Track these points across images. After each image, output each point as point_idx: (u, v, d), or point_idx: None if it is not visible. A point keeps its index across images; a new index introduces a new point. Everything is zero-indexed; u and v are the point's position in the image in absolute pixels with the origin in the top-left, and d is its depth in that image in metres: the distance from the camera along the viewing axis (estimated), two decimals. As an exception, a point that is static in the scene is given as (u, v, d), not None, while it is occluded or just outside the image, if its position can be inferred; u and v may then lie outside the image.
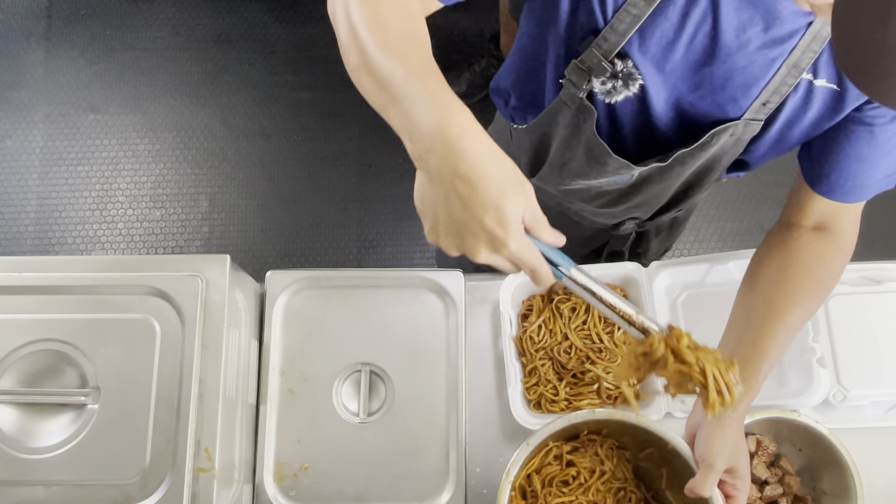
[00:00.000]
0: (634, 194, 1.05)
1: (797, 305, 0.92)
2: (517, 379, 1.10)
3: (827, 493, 1.05)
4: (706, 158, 0.94)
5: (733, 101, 0.86)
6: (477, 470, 1.10)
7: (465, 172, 0.58)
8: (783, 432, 1.07)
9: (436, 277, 1.16)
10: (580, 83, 0.88)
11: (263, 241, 2.28)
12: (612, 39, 0.82)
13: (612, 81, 0.86)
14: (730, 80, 0.84)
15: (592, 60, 0.85)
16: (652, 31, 0.81)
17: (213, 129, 2.39)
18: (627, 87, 0.86)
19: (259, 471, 1.08)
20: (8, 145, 2.36)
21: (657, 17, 0.79)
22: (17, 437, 0.92)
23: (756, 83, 0.84)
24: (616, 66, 0.84)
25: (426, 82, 0.62)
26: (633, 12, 0.79)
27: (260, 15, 2.51)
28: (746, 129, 0.90)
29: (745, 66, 0.83)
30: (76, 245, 2.27)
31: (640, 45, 0.82)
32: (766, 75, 0.84)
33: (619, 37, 0.81)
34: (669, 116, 0.90)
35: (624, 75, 0.85)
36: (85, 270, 0.98)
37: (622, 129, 0.93)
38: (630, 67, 0.84)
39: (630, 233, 1.24)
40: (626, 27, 0.80)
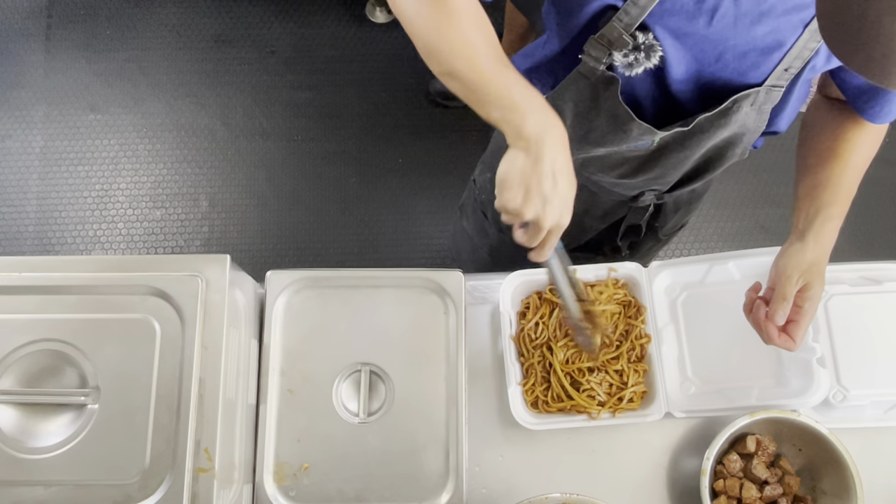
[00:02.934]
0: (654, 164, 1.05)
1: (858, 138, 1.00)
2: (517, 379, 1.10)
3: (827, 493, 1.05)
4: (728, 133, 0.95)
5: (755, 67, 0.87)
6: (476, 469, 1.10)
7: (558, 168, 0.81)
8: (783, 432, 1.07)
9: (436, 277, 1.16)
10: (600, 57, 0.89)
11: (263, 241, 2.28)
12: (633, 13, 0.82)
13: (633, 54, 0.87)
14: (752, 48, 0.84)
15: (613, 34, 0.85)
16: (673, 2, 0.80)
17: (213, 129, 2.39)
18: (649, 58, 0.87)
19: (259, 471, 1.08)
20: (8, 145, 2.37)
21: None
22: (17, 437, 0.92)
23: (779, 48, 0.84)
24: (637, 38, 0.85)
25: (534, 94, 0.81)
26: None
27: (260, 15, 2.51)
28: (768, 97, 0.90)
29: (768, 33, 0.82)
30: (76, 245, 2.28)
31: (660, 17, 0.82)
32: (788, 41, 0.84)
33: (640, 10, 0.82)
34: (690, 86, 0.91)
35: (646, 47, 0.85)
36: (85, 270, 0.98)
37: (642, 100, 0.94)
38: (651, 39, 0.84)
39: (649, 205, 1.23)
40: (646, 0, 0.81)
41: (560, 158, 0.81)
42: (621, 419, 1.09)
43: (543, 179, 0.80)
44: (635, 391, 1.10)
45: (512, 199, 0.82)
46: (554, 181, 0.81)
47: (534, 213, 0.82)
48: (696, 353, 1.14)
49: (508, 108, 0.81)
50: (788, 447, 1.09)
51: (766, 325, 0.95)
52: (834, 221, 0.97)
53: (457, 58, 0.82)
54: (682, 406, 1.09)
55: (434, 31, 0.83)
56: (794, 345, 0.95)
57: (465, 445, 1.09)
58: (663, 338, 1.13)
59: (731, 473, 1.06)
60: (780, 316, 0.94)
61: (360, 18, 2.50)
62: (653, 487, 1.11)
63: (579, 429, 1.10)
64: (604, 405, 1.09)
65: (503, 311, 1.13)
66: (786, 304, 0.95)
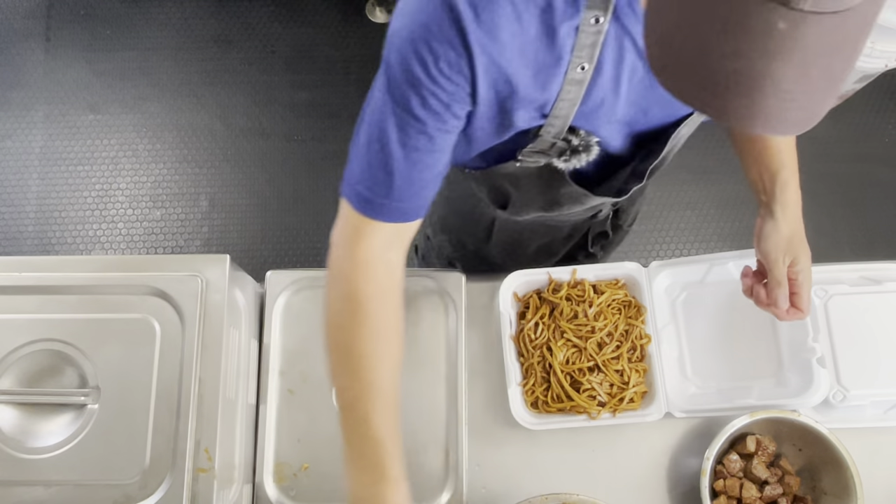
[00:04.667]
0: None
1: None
2: (517, 379, 1.10)
3: (827, 493, 1.05)
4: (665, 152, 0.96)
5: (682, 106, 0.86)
6: (476, 469, 1.11)
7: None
8: (783, 432, 1.07)
9: (436, 277, 1.16)
10: (537, 160, 0.89)
11: (263, 241, 2.28)
12: (557, 124, 0.82)
13: (573, 157, 0.87)
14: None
15: (544, 146, 0.86)
16: (591, 100, 0.80)
17: (213, 129, 2.39)
18: (588, 153, 0.87)
19: (259, 471, 1.08)
20: (8, 145, 2.37)
21: (592, 88, 0.78)
22: (17, 437, 0.92)
23: None
24: (572, 142, 0.85)
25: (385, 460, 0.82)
26: (569, 98, 0.78)
27: (260, 15, 2.51)
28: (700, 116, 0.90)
29: None
30: (76, 245, 2.28)
31: (585, 117, 0.82)
32: None
33: (562, 120, 0.81)
34: (625, 144, 0.91)
35: (583, 146, 0.86)
36: (85, 270, 0.98)
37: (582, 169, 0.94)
38: (584, 136, 0.84)
39: (608, 214, 1.24)
40: (566, 111, 0.80)
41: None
42: (621, 419, 1.09)
43: None
44: (636, 391, 1.10)
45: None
46: None
47: None
48: (696, 353, 1.14)
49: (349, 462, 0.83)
50: (788, 447, 1.09)
51: (770, 309, 0.98)
52: (791, 183, 0.98)
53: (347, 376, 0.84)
54: (682, 406, 1.09)
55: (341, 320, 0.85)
56: (804, 314, 0.97)
57: (465, 445, 1.09)
58: (663, 338, 1.13)
59: (731, 473, 1.06)
60: (781, 300, 0.97)
61: (360, 18, 2.50)
62: (653, 487, 1.11)
63: (579, 429, 1.10)
64: (604, 405, 1.09)
65: (503, 311, 1.13)
66: (783, 288, 0.97)
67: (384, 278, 0.84)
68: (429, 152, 0.78)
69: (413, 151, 0.77)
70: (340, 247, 0.83)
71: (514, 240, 1.20)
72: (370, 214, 0.81)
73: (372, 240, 0.82)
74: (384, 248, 0.83)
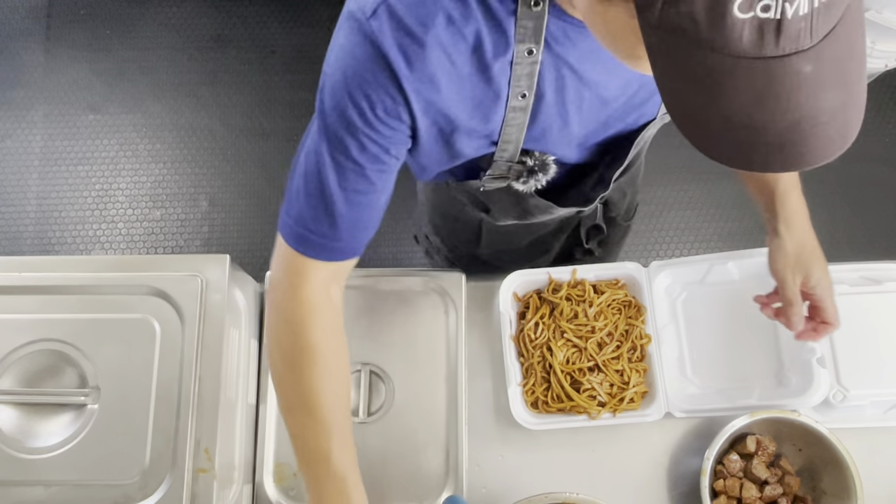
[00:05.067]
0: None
1: None
2: (517, 379, 1.10)
3: (827, 493, 1.05)
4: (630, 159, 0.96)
5: (641, 115, 0.86)
6: (476, 468, 1.11)
7: None
8: (783, 432, 1.07)
9: (436, 277, 1.16)
10: (499, 185, 0.89)
11: (263, 241, 2.27)
12: (508, 150, 0.82)
13: (531, 178, 0.87)
14: (631, 108, 0.84)
15: (500, 170, 0.85)
16: (539, 124, 0.79)
17: (213, 129, 2.39)
18: (546, 172, 0.86)
19: (259, 471, 1.08)
20: (8, 145, 2.36)
21: (538, 113, 0.78)
22: (17, 437, 0.92)
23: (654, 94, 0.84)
24: (527, 163, 0.84)
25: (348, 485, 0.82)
26: (515, 123, 0.78)
27: (260, 15, 2.51)
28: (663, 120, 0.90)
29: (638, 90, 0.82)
30: (76, 245, 2.28)
31: (536, 141, 0.82)
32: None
33: (514, 145, 0.81)
34: (587, 154, 0.91)
35: (539, 166, 0.85)
36: (85, 270, 0.98)
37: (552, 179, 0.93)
38: (539, 156, 0.84)
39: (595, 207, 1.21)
40: (515, 136, 0.80)
41: None
42: (621, 419, 1.09)
43: None
44: (636, 391, 1.10)
45: None
46: None
47: None
48: (696, 353, 1.14)
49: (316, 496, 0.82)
50: (788, 447, 1.09)
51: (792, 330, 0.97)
52: (791, 195, 0.96)
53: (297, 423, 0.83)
54: (682, 406, 1.09)
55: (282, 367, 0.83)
56: (832, 326, 0.97)
57: (465, 445, 1.09)
58: (663, 338, 1.13)
59: (731, 473, 1.06)
60: (796, 321, 0.96)
61: (360, 18, 2.50)
62: (653, 487, 1.11)
63: (579, 429, 1.10)
64: (604, 405, 1.09)
65: (503, 311, 1.13)
66: (795, 307, 0.96)
67: (330, 318, 0.83)
68: (369, 193, 0.78)
69: (353, 194, 0.77)
70: (283, 288, 0.83)
71: (503, 240, 1.20)
72: (311, 254, 0.81)
73: (314, 280, 0.82)
74: (326, 286, 0.83)
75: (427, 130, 0.76)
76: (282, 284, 0.83)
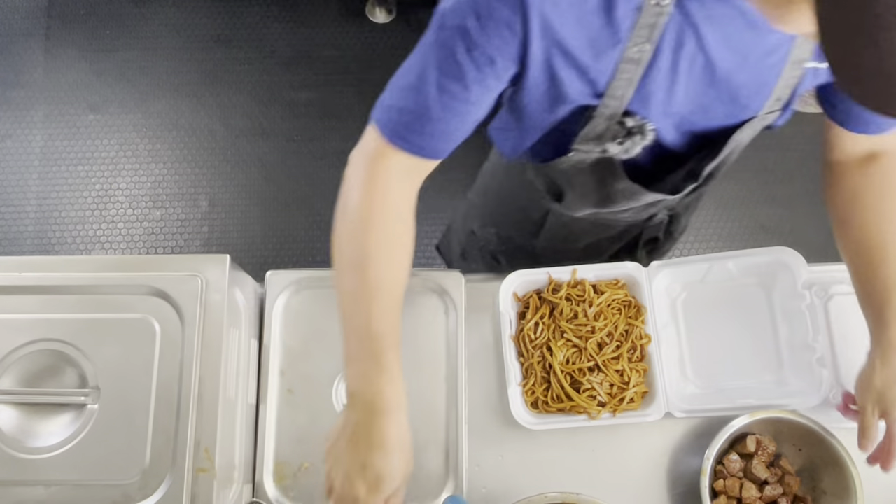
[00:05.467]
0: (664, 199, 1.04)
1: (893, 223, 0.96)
2: (517, 379, 1.11)
3: (827, 493, 1.05)
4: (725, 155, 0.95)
5: (745, 108, 0.86)
6: (476, 468, 1.10)
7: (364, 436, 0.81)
8: (783, 432, 1.07)
9: (436, 277, 1.16)
10: (592, 149, 0.88)
11: (263, 241, 2.28)
12: (612, 105, 0.81)
13: (627, 139, 0.86)
14: (737, 94, 0.84)
15: (598, 129, 0.85)
16: (648, 84, 0.79)
17: (213, 129, 2.39)
18: (644, 137, 0.86)
19: (259, 471, 1.08)
20: (8, 145, 2.37)
21: (650, 71, 0.78)
22: (17, 437, 0.92)
23: (764, 87, 0.84)
24: (627, 124, 0.84)
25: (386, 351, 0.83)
26: (626, 77, 0.78)
27: (260, 15, 2.51)
28: (763, 121, 0.90)
29: (748, 78, 0.82)
30: (76, 245, 2.28)
31: (641, 102, 0.82)
32: (771, 79, 0.83)
33: (618, 101, 0.81)
34: (683, 140, 0.90)
35: (638, 129, 0.85)
36: (85, 270, 0.98)
37: (637, 162, 0.93)
38: (639, 120, 0.84)
39: (663, 220, 1.23)
40: (622, 91, 0.80)
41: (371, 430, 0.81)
42: (621, 419, 1.09)
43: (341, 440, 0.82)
44: (636, 391, 1.10)
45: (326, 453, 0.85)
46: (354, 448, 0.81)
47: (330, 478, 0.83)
48: (696, 353, 1.14)
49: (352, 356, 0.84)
50: (788, 447, 1.09)
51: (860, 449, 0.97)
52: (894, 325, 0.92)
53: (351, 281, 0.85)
54: (682, 406, 1.09)
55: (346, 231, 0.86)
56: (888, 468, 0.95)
57: (465, 445, 1.09)
58: (663, 338, 1.13)
59: (731, 473, 1.06)
60: (865, 444, 0.96)
61: (360, 18, 2.50)
62: (653, 487, 1.11)
63: (579, 429, 1.10)
64: (604, 405, 1.09)
65: (503, 311, 1.13)
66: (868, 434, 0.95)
67: (397, 197, 0.86)
68: (463, 101, 0.79)
69: (448, 97, 0.79)
70: (359, 164, 0.86)
71: (564, 235, 1.19)
72: (395, 143, 0.83)
73: (391, 164, 0.84)
74: (401, 176, 0.85)
75: (538, 55, 0.75)
76: (358, 161, 0.86)
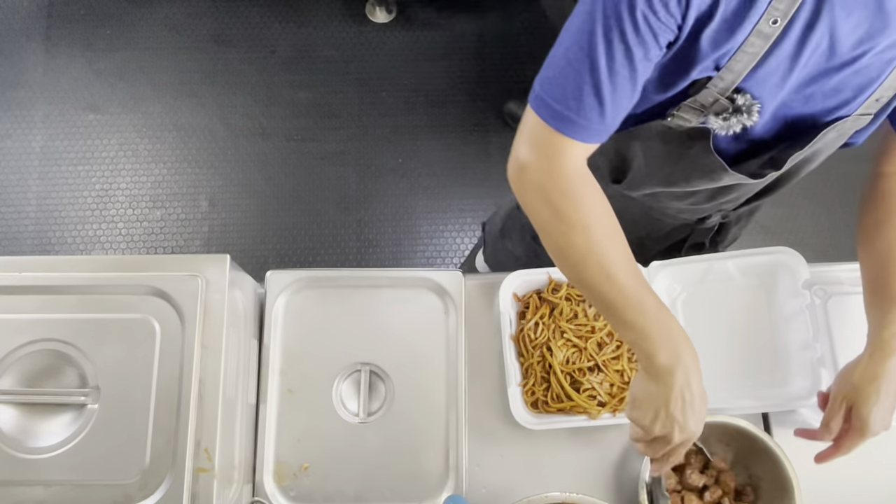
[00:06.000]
0: (730, 191, 1.03)
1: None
2: (517, 379, 1.10)
3: (763, 477, 1.06)
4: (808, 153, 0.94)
5: (845, 103, 0.86)
6: (476, 468, 1.10)
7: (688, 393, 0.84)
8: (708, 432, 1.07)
9: (436, 277, 1.16)
10: (692, 119, 0.87)
11: (263, 241, 2.28)
12: (728, 78, 0.80)
13: (733, 117, 0.85)
14: (843, 88, 0.83)
15: (707, 100, 0.84)
16: (767, 64, 0.78)
17: (213, 129, 2.39)
18: (750, 117, 0.85)
19: (259, 471, 1.08)
20: (8, 145, 2.36)
21: (774, 49, 0.77)
22: (17, 437, 0.92)
23: (871, 84, 0.83)
24: (736, 101, 0.83)
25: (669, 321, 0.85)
26: (750, 51, 0.77)
27: (260, 15, 2.51)
28: (855, 124, 0.89)
29: (859, 72, 0.81)
30: (76, 245, 2.27)
31: (755, 81, 0.81)
32: (881, 76, 0.82)
33: (735, 75, 0.80)
34: (774, 125, 0.89)
35: (746, 108, 0.84)
36: (85, 270, 0.98)
37: (721, 141, 0.92)
38: (750, 100, 0.83)
39: (714, 225, 1.22)
40: (742, 66, 0.79)
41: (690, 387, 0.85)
42: (621, 419, 1.09)
43: (672, 404, 0.85)
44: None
45: (641, 417, 0.87)
46: (683, 405, 0.85)
47: (663, 432, 0.87)
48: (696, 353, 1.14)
49: (641, 337, 0.84)
50: (717, 445, 1.08)
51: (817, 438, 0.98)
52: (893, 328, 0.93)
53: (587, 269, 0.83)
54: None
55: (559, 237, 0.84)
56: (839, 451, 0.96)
57: (465, 445, 1.09)
58: (663, 338, 1.13)
59: (670, 490, 1.06)
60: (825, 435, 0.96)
61: (360, 18, 2.50)
62: (653, 487, 1.11)
63: (579, 429, 1.10)
64: (604, 405, 1.09)
65: (503, 311, 1.13)
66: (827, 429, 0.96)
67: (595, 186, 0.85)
68: (631, 80, 0.78)
69: (618, 77, 0.77)
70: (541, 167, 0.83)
71: None
72: (573, 135, 0.81)
73: (575, 157, 0.82)
74: (584, 161, 0.84)
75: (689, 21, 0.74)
76: (539, 163, 0.83)
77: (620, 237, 0.85)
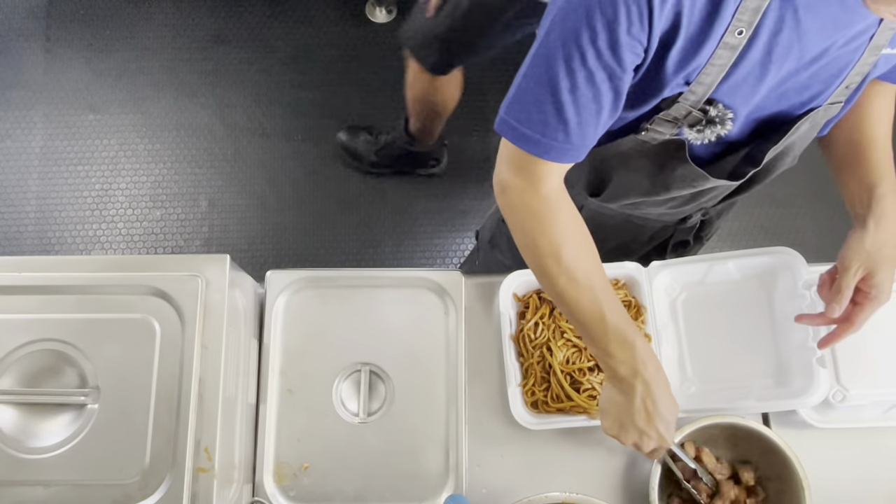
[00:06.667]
0: (708, 191, 1.04)
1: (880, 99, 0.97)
2: (517, 379, 1.10)
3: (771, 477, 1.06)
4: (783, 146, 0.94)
5: (816, 95, 0.86)
6: (476, 468, 1.10)
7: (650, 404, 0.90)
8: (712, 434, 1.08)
9: (436, 277, 1.16)
10: (666, 131, 0.88)
11: (263, 241, 2.27)
12: (699, 91, 0.81)
13: (707, 128, 0.86)
14: (813, 82, 0.84)
15: (680, 112, 0.84)
16: (736, 73, 0.79)
17: (213, 129, 2.39)
18: (723, 126, 0.86)
19: (259, 471, 1.08)
20: (8, 145, 2.36)
21: (742, 60, 0.78)
22: (17, 437, 0.92)
23: (840, 74, 0.84)
24: (709, 112, 0.84)
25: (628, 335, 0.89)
26: (719, 63, 0.77)
27: (260, 15, 2.51)
28: (827, 112, 0.90)
29: (828, 65, 0.82)
30: (76, 245, 2.27)
31: (727, 89, 0.81)
32: (849, 64, 0.83)
33: (705, 87, 0.80)
34: (745, 127, 0.90)
35: (719, 119, 0.85)
36: (85, 270, 0.98)
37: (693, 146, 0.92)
38: (722, 110, 0.84)
39: (696, 223, 1.23)
40: (711, 79, 0.79)
41: (652, 397, 0.90)
42: (621, 419, 1.09)
43: (636, 415, 0.90)
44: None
45: (609, 428, 0.95)
46: (646, 417, 0.90)
47: (631, 441, 0.94)
48: (696, 353, 1.14)
49: (603, 352, 0.90)
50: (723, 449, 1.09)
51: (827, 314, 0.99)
52: (889, 197, 0.95)
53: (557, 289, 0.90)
54: (682, 406, 1.09)
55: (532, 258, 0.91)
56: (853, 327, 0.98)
57: (465, 445, 1.09)
58: (663, 338, 1.13)
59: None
60: (833, 309, 0.97)
61: (360, 18, 2.50)
62: (653, 487, 1.11)
63: (579, 429, 1.10)
64: (604, 405, 1.09)
65: (503, 311, 1.13)
66: (841, 296, 0.96)
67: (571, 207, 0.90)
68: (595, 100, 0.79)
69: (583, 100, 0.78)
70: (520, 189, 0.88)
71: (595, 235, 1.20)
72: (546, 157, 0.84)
73: (550, 178, 0.86)
74: (559, 181, 0.88)
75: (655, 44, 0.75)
76: (518, 187, 0.88)
77: (590, 255, 0.90)
